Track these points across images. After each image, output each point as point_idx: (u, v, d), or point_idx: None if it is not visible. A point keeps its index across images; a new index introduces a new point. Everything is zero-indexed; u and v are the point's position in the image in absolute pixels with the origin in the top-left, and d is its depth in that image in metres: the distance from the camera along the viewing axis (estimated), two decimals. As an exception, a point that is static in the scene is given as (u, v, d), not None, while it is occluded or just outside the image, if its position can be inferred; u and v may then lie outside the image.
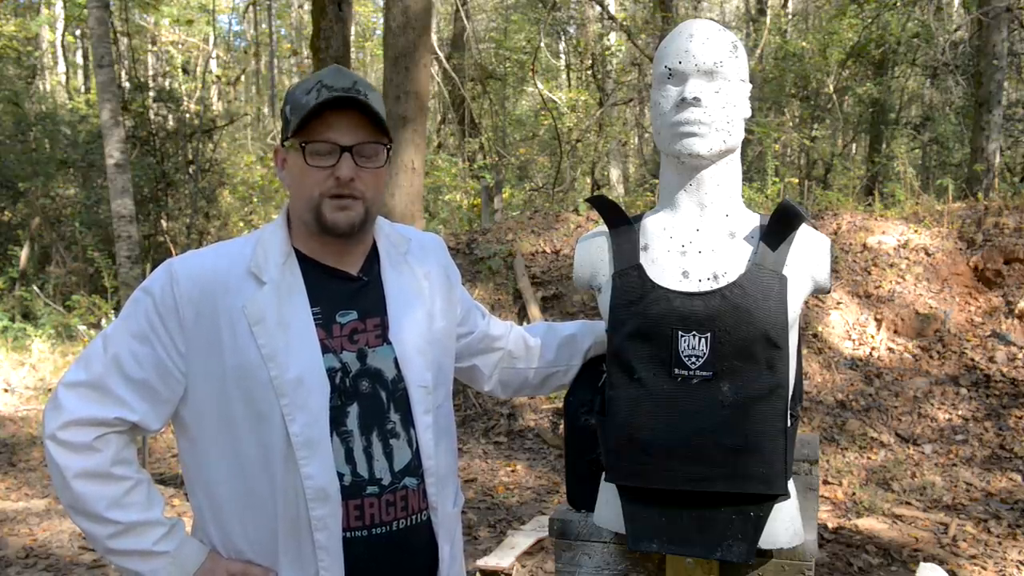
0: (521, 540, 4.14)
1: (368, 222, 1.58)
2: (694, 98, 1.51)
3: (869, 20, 11.90)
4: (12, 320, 9.83)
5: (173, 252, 11.44)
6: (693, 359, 1.49)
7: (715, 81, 1.53)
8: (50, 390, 7.59)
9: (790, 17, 16.46)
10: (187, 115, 13.49)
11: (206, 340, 1.50)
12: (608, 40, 14.43)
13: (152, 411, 1.51)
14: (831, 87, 12.47)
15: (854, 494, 4.99)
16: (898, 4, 11.36)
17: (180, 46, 17.49)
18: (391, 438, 1.57)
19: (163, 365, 1.50)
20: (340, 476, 1.51)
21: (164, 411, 1.53)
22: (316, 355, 1.52)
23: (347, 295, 1.59)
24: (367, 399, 1.56)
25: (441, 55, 12.70)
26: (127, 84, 12.96)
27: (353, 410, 1.54)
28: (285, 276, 1.55)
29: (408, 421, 1.59)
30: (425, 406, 1.60)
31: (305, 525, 1.49)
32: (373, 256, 1.65)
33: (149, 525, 1.51)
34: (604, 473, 1.61)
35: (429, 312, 1.66)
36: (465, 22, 13.79)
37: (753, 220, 1.59)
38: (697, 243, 1.57)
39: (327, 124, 1.51)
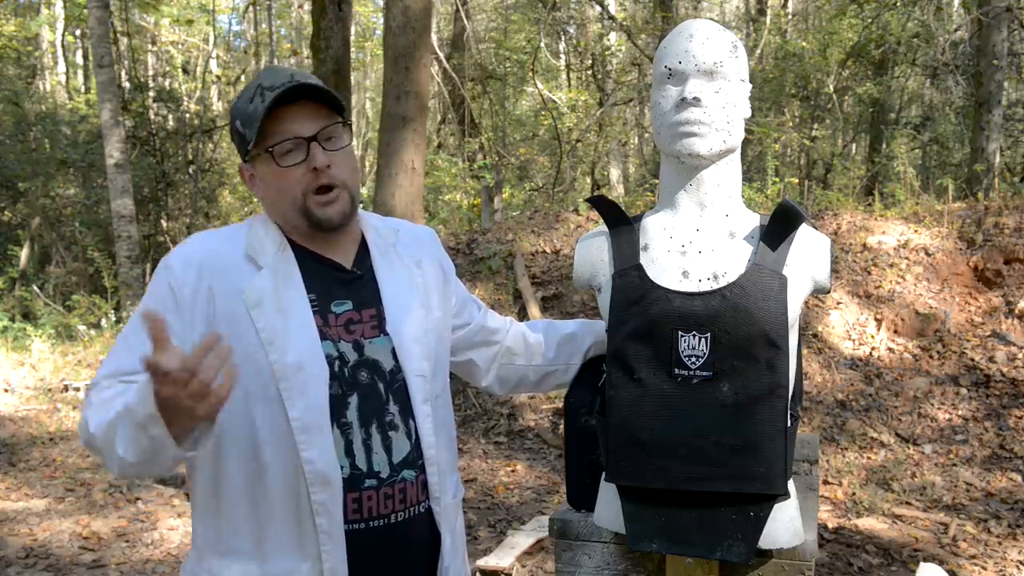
0: (521, 540, 4.15)
1: (354, 207, 1.60)
2: (694, 98, 1.51)
3: (869, 20, 11.91)
4: (12, 320, 9.84)
5: (173, 252, 11.41)
6: (693, 359, 1.49)
7: (715, 81, 1.53)
8: (50, 390, 7.61)
9: (790, 17, 16.46)
10: (187, 115, 13.49)
11: (205, 320, 1.51)
12: (608, 40, 14.44)
13: None
14: (831, 87, 12.48)
15: (854, 494, 4.99)
16: (898, 4, 11.36)
17: (180, 46, 17.50)
18: (390, 430, 1.57)
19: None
20: (339, 468, 1.51)
21: None
22: (315, 340, 1.53)
23: (341, 285, 1.60)
24: (366, 390, 1.56)
25: (441, 55, 12.70)
26: (127, 84, 12.96)
27: (353, 401, 1.55)
28: (281, 262, 1.56)
29: (407, 412, 1.59)
30: (424, 395, 1.61)
31: (306, 510, 1.50)
32: (364, 250, 1.66)
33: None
34: (604, 473, 1.61)
35: (424, 302, 1.66)
36: (465, 22, 13.78)
37: (753, 220, 1.59)
38: (697, 243, 1.57)
39: (283, 121, 1.51)
